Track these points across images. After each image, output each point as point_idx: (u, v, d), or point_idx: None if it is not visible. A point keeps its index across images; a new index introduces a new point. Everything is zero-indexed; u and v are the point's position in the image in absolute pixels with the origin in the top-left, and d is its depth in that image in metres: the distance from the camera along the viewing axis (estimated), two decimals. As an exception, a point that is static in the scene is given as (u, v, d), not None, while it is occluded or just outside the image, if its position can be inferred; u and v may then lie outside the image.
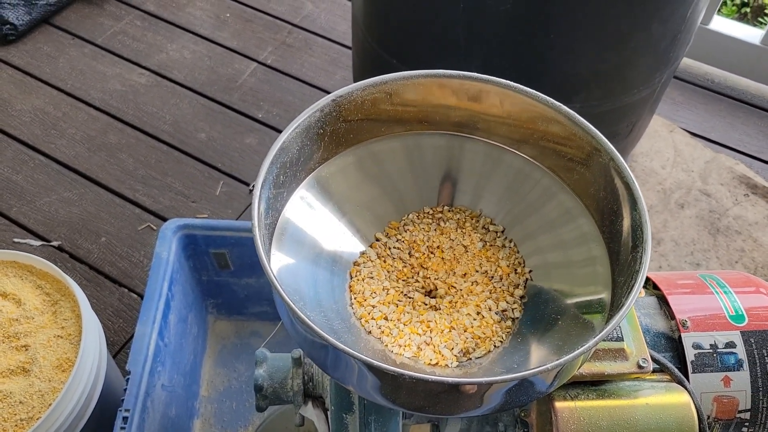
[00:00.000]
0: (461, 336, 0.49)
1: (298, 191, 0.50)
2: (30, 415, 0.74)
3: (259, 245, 0.41)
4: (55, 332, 0.80)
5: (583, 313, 0.47)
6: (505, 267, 0.53)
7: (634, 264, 0.43)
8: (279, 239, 0.48)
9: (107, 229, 1.23)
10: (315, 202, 0.51)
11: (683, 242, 1.26)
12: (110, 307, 1.14)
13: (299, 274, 0.48)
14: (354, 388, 0.43)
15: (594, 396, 0.54)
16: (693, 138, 1.44)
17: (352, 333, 0.48)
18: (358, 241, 0.54)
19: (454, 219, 0.55)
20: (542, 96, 0.49)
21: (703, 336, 0.59)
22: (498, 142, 0.54)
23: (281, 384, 0.61)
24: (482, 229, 0.55)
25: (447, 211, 0.56)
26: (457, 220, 0.55)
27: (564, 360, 0.37)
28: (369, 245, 0.54)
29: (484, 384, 0.37)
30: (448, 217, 0.55)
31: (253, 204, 0.43)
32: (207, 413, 1.02)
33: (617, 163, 0.47)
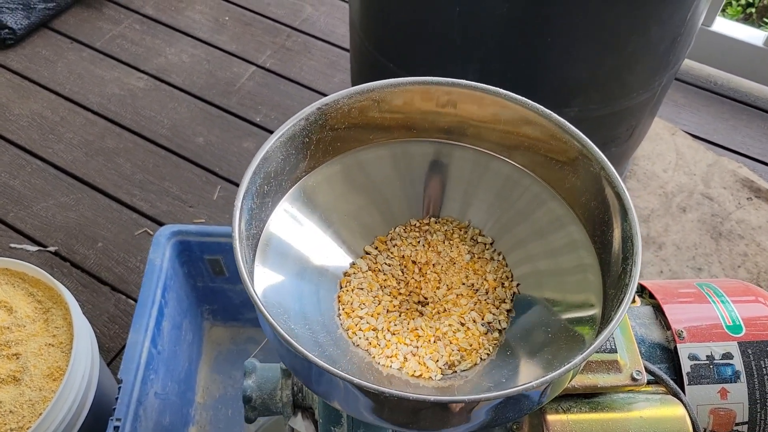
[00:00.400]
0: (447, 348, 0.48)
1: (282, 203, 0.49)
2: (20, 425, 0.73)
3: (239, 257, 0.40)
4: (46, 340, 0.79)
5: (573, 326, 0.46)
6: (491, 281, 0.52)
7: (624, 276, 0.42)
8: (263, 252, 0.47)
9: (104, 235, 1.22)
10: (299, 215, 0.50)
11: (685, 246, 1.25)
12: (106, 313, 1.13)
13: (284, 288, 0.47)
14: (338, 405, 0.42)
15: (587, 409, 0.53)
16: (695, 141, 1.42)
17: (338, 346, 0.47)
18: (345, 253, 0.53)
19: (442, 231, 0.54)
20: (531, 103, 0.48)
21: (700, 347, 0.58)
22: (487, 149, 0.53)
23: (270, 395, 0.60)
24: (470, 241, 0.54)
25: (434, 222, 0.55)
26: (444, 231, 0.54)
27: (550, 377, 0.36)
28: (358, 257, 0.53)
29: (467, 402, 0.36)
30: (435, 229, 0.54)
31: (234, 215, 0.42)
32: (202, 420, 1.01)
33: (608, 172, 0.45)
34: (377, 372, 0.47)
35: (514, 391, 0.35)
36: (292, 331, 0.45)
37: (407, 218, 0.55)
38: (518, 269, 0.53)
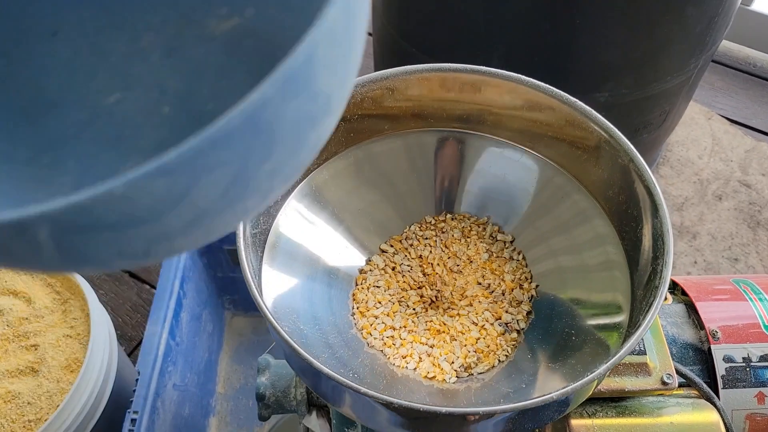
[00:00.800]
0: (463, 349, 0.46)
1: (290, 200, 0.47)
2: (38, 417, 0.73)
3: (243, 258, 0.38)
4: (64, 332, 0.79)
5: (599, 329, 0.43)
6: (509, 282, 0.49)
7: (654, 278, 0.39)
8: (272, 251, 0.45)
9: (126, 223, 1.22)
10: (308, 213, 0.48)
11: (720, 236, 1.20)
12: (128, 302, 1.13)
13: (294, 288, 0.45)
14: (346, 412, 0.40)
15: (613, 413, 0.50)
16: (732, 125, 1.37)
17: (349, 347, 0.45)
18: (358, 251, 0.50)
19: (459, 228, 0.52)
20: (554, 90, 0.45)
21: (736, 348, 0.54)
22: (507, 139, 0.50)
23: (284, 393, 0.58)
24: (489, 238, 0.51)
25: (450, 219, 0.52)
26: (461, 228, 0.52)
27: (571, 388, 0.34)
28: (372, 254, 0.51)
29: (482, 414, 0.33)
30: (452, 227, 0.52)
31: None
32: (223, 411, 1.01)
33: (637, 165, 0.42)
34: (391, 373, 0.45)
35: (531, 403, 0.33)
36: (302, 332, 0.43)
37: (422, 213, 0.52)
38: (540, 265, 0.50)
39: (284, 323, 0.42)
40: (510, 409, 0.32)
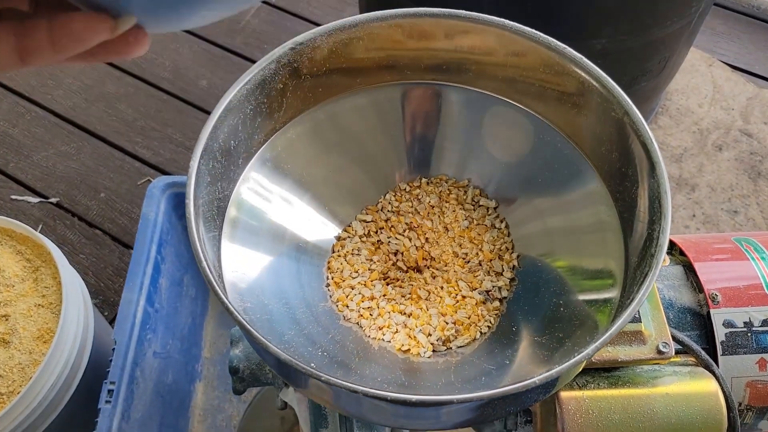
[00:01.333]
0: (440, 320, 0.42)
1: (247, 172, 0.43)
2: (10, 389, 0.70)
3: (193, 231, 0.34)
4: (36, 301, 0.76)
5: (589, 300, 0.40)
6: (487, 252, 0.45)
7: (650, 245, 0.35)
8: (231, 226, 0.41)
9: (106, 185, 1.18)
10: (269, 184, 0.44)
11: (720, 188, 1.16)
12: (110, 266, 1.10)
13: (258, 263, 0.41)
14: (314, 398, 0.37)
15: (605, 385, 0.47)
16: (734, 72, 1.31)
17: (319, 322, 0.42)
18: (326, 220, 0.46)
19: (436, 193, 0.48)
20: (541, 35, 0.41)
21: (736, 312, 0.51)
22: (489, 91, 0.45)
23: (259, 365, 0.55)
24: (470, 203, 0.47)
25: (426, 184, 0.48)
26: (438, 193, 0.48)
27: (557, 371, 0.30)
28: (342, 223, 0.47)
29: (455, 401, 0.30)
30: (429, 191, 0.48)
31: (189, 179, 0.36)
32: (210, 375, 0.98)
33: (633, 118, 0.38)
34: (365, 349, 0.42)
35: (512, 389, 0.29)
36: (266, 307, 0.39)
37: (395, 175, 0.48)
38: (526, 228, 0.46)
39: (246, 298, 0.39)
40: (486, 397, 0.29)
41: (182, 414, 0.90)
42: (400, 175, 0.48)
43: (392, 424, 0.42)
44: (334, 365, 0.38)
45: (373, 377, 0.38)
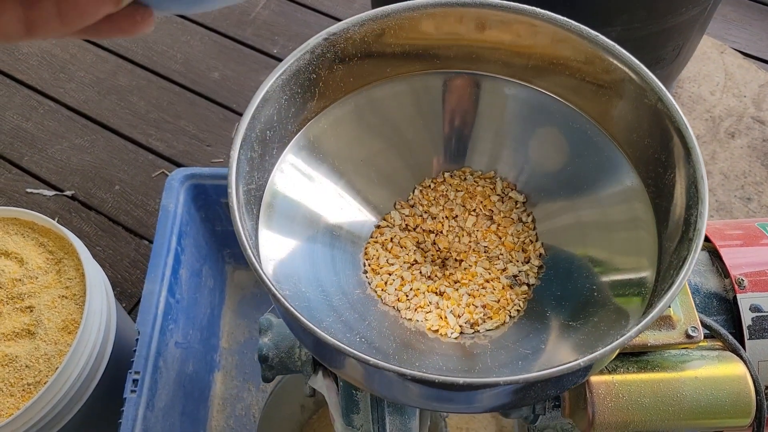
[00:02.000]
0: (470, 303, 0.43)
1: (286, 154, 0.43)
2: (37, 380, 0.71)
3: (236, 219, 0.35)
4: (59, 292, 0.76)
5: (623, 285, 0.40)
6: (509, 244, 0.46)
7: (688, 230, 0.35)
8: (268, 211, 0.41)
9: (121, 177, 1.18)
10: (306, 167, 0.44)
11: (733, 175, 1.17)
12: (127, 258, 1.10)
13: (293, 249, 0.42)
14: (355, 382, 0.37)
15: (635, 369, 0.47)
16: (746, 59, 1.31)
17: (355, 309, 0.42)
18: (360, 206, 0.47)
19: (463, 187, 0.48)
20: (574, 24, 0.41)
21: (763, 297, 0.51)
22: (520, 80, 0.46)
23: (288, 353, 0.56)
24: (497, 195, 0.48)
25: (450, 177, 0.49)
26: (466, 187, 0.48)
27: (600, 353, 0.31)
28: (375, 209, 0.47)
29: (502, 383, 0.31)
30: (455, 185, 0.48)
31: (230, 169, 0.36)
32: (228, 365, 0.99)
33: (667, 104, 0.38)
34: (401, 335, 0.42)
35: (557, 370, 0.30)
36: (304, 296, 0.40)
37: (432, 162, 0.48)
38: (559, 215, 0.46)
39: (285, 286, 0.39)
40: (532, 379, 0.30)
41: (202, 403, 0.91)
42: (437, 161, 0.48)
43: (425, 406, 0.42)
44: (372, 350, 0.38)
45: (411, 362, 0.39)
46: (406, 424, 0.50)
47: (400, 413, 0.49)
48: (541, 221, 0.47)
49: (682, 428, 0.47)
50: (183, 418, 0.83)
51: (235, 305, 1.04)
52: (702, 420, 0.46)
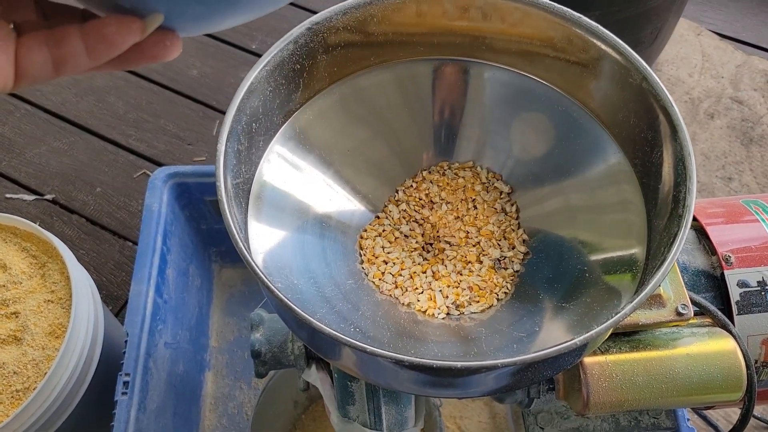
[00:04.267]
0: (456, 287, 0.44)
1: (273, 145, 0.43)
2: (26, 386, 0.70)
3: (226, 212, 0.34)
4: (45, 297, 0.75)
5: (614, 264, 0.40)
6: (486, 232, 0.47)
7: (677, 207, 0.35)
8: (256, 203, 0.41)
9: (102, 179, 1.17)
10: (294, 158, 0.44)
11: (714, 155, 1.18)
12: (111, 260, 1.09)
13: (284, 241, 0.42)
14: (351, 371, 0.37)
15: (627, 348, 0.48)
16: (722, 40, 1.32)
17: (348, 300, 0.42)
18: (349, 195, 0.47)
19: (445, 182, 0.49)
20: (559, 7, 0.41)
21: (750, 272, 0.52)
22: (505, 65, 0.46)
23: (281, 348, 0.55)
24: (481, 184, 0.48)
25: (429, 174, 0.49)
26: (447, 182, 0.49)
27: (596, 331, 0.31)
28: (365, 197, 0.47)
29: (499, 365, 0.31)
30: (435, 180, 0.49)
31: (218, 162, 0.36)
32: (219, 365, 0.99)
33: (652, 83, 0.39)
34: (395, 324, 0.42)
35: (553, 351, 0.30)
36: (296, 287, 0.40)
37: (417, 149, 0.48)
38: (548, 203, 0.46)
39: (276, 279, 0.39)
40: (529, 360, 0.30)
41: (194, 403, 0.91)
42: (425, 148, 0.48)
43: (422, 393, 0.42)
44: (367, 340, 0.38)
45: (406, 350, 0.39)
46: (402, 413, 0.50)
47: (396, 402, 0.49)
48: (531, 205, 0.47)
49: (675, 405, 0.47)
50: (175, 419, 0.83)
51: (224, 303, 1.03)
52: (695, 396, 0.47)
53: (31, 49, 0.25)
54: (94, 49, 0.25)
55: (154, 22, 0.26)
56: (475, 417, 0.89)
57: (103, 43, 0.25)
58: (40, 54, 0.25)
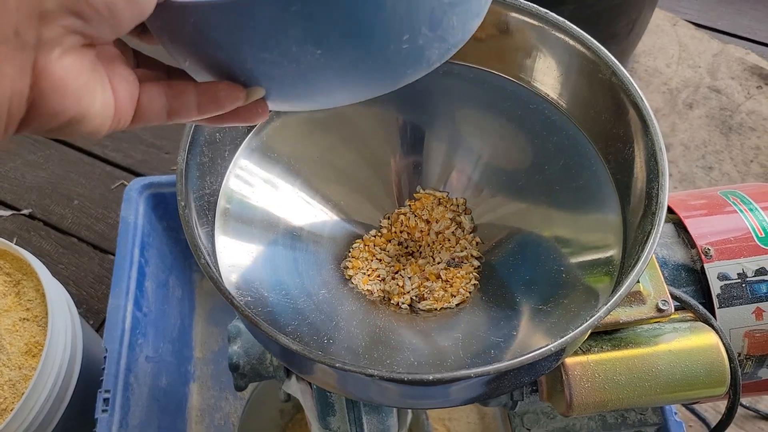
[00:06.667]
0: (422, 276, 0.43)
1: (237, 160, 0.42)
2: (3, 407, 0.69)
3: (187, 223, 0.33)
4: (20, 315, 0.74)
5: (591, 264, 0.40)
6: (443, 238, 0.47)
7: (650, 204, 0.35)
8: (224, 217, 0.40)
9: (79, 191, 1.15)
10: (259, 170, 0.43)
11: (693, 145, 1.18)
12: (91, 274, 1.07)
13: (254, 254, 0.40)
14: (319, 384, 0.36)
15: (609, 347, 0.47)
16: (698, 30, 1.32)
17: (321, 310, 0.41)
18: (320, 205, 0.46)
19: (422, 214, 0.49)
20: (525, 3, 0.40)
21: (730, 264, 0.51)
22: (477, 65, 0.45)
23: (259, 360, 0.54)
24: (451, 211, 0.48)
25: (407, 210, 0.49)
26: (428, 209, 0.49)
27: (569, 337, 0.30)
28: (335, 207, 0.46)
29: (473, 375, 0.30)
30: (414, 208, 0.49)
31: (178, 173, 0.35)
32: (203, 376, 0.97)
33: (621, 78, 0.38)
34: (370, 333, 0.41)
35: (527, 358, 0.29)
36: (266, 300, 0.39)
37: (386, 151, 0.47)
38: (523, 202, 0.46)
39: (245, 293, 0.38)
40: (503, 368, 0.29)
41: (179, 416, 0.90)
42: (393, 150, 0.47)
43: (400, 405, 0.41)
44: (341, 351, 0.37)
45: (382, 360, 0.38)
46: (384, 422, 0.49)
47: (377, 412, 0.48)
48: (506, 205, 0.47)
49: (659, 402, 0.46)
50: (160, 433, 0.82)
51: (206, 314, 1.02)
52: (679, 393, 0.46)
53: (152, 97, 0.28)
54: (204, 106, 0.29)
55: (256, 94, 0.29)
56: (464, 418, 0.88)
57: (213, 103, 0.29)
58: (159, 101, 0.28)
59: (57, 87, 0.24)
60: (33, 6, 0.22)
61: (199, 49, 0.28)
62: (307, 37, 0.26)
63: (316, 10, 0.25)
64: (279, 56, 0.26)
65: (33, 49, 0.23)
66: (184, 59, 0.29)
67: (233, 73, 0.28)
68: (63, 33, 0.23)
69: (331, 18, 0.25)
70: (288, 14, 0.25)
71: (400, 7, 0.25)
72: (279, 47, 0.26)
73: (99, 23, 0.24)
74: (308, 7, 0.24)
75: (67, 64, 0.24)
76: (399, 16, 0.26)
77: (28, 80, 0.23)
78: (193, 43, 0.28)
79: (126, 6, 0.24)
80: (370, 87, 0.30)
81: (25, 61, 0.23)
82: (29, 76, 0.23)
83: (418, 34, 0.27)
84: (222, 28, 0.26)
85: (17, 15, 0.22)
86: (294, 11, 0.25)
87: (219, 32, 0.26)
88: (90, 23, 0.24)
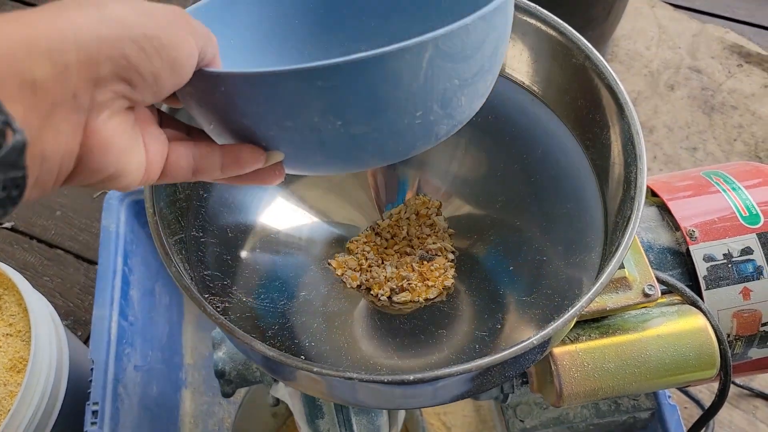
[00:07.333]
0: (399, 273, 0.43)
1: None
2: (-11, 425, 0.67)
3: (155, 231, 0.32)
4: (2, 330, 0.73)
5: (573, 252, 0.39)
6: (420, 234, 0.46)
7: (629, 188, 0.34)
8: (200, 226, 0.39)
9: (61, 202, 1.14)
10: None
11: (677, 126, 1.18)
12: (77, 285, 1.06)
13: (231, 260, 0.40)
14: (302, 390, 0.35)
15: (597, 335, 0.46)
16: (677, 10, 1.32)
17: (301, 312, 0.40)
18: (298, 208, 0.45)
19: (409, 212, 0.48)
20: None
21: (715, 245, 0.51)
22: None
23: (245, 365, 0.54)
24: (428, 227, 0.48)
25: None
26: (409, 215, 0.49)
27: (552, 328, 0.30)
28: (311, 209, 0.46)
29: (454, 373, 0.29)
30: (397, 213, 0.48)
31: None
32: (195, 381, 0.96)
33: (595, 62, 0.37)
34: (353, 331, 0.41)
35: (510, 352, 0.28)
36: (246, 305, 0.38)
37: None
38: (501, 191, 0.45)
39: (223, 299, 0.37)
40: (484, 365, 0.28)
41: (172, 424, 0.89)
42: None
43: (391, 406, 0.41)
44: (323, 354, 0.37)
45: (365, 360, 0.37)
46: (373, 422, 0.48)
47: (367, 413, 0.47)
48: (484, 196, 0.46)
49: (650, 388, 0.46)
50: (153, 442, 0.81)
51: (196, 319, 1.01)
52: (669, 377, 0.46)
53: (180, 156, 0.29)
54: (227, 166, 0.30)
55: (276, 158, 0.31)
56: (459, 411, 0.88)
57: (236, 164, 0.30)
58: (186, 161, 0.30)
59: (103, 146, 0.25)
60: (91, 71, 0.24)
61: (226, 115, 0.29)
62: (329, 109, 0.28)
63: (341, 84, 0.26)
64: (301, 125, 0.28)
65: (86, 110, 0.25)
66: (209, 123, 0.31)
67: (255, 138, 0.30)
68: (113, 97, 0.25)
69: (354, 92, 0.27)
70: (314, 88, 0.27)
71: (416, 87, 0.28)
72: (302, 117, 0.28)
73: (144, 89, 0.26)
74: (332, 81, 0.26)
75: (113, 126, 0.26)
76: (415, 95, 0.28)
77: (79, 139, 0.25)
78: (221, 109, 0.29)
79: (170, 75, 0.26)
80: (382, 156, 0.31)
81: (79, 121, 0.24)
82: (81, 135, 0.25)
83: (430, 111, 0.29)
84: (251, 97, 0.28)
85: (77, 79, 0.24)
86: (320, 86, 0.26)
87: (247, 101, 0.28)
88: (136, 89, 0.25)
